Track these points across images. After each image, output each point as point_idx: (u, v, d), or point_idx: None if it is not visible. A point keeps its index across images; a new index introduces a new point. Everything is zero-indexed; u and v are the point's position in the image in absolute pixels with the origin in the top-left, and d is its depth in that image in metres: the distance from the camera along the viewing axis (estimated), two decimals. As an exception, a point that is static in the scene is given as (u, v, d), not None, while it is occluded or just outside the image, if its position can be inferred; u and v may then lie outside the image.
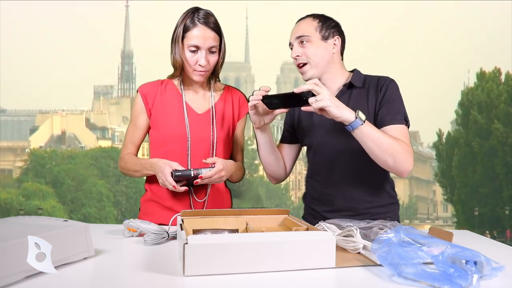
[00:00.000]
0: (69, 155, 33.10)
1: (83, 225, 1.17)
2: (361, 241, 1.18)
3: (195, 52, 1.62)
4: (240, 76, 67.77)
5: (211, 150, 1.70)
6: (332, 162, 1.68)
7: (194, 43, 1.62)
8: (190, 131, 1.69)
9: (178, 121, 1.70)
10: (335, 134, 1.65)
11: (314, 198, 1.76)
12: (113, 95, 54.10)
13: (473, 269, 0.94)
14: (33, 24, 65.22)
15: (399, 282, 0.98)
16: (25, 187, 29.18)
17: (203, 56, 1.62)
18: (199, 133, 1.70)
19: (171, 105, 1.72)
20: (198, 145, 1.69)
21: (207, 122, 1.72)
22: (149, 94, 1.73)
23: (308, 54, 1.65)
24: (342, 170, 1.67)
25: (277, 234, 1.13)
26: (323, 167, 1.71)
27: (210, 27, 1.63)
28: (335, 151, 1.67)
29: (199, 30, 1.62)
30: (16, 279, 0.98)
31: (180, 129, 1.69)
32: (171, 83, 1.75)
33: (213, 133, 1.71)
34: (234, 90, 1.82)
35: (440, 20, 74.88)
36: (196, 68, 1.64)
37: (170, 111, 1.71)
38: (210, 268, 1.02)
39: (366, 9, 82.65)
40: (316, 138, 1.71)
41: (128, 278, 1.04)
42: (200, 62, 1.62)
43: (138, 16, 15.84)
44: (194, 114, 1.72)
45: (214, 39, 1.64)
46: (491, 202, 26.13)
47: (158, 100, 1.72)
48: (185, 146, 1.69)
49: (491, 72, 28.10)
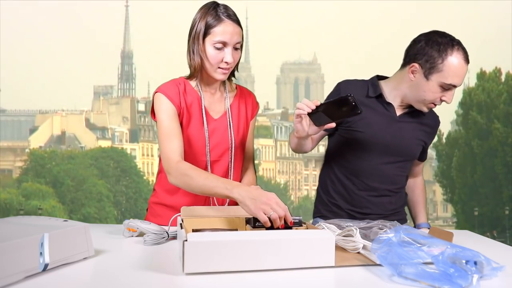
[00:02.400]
0: (69, 155, 33.08)
1: (83, 225, 1.17)
2: (360, 241, 1.18)
3: (221, 49, 1.52)
4: (240, 76, 67.56)
5: (229, 155, 1.65)
6: (377, 163, 1.71)
7: (222, 39, 1.51)
8: (208, 137, 1.61)
9: (198, 127, 1.61)
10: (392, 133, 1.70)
11: (340, 194, 1.76)
12: (113, 95, 54.03)
13: (473, 269, 0.95)
14: (33, 24, 65.20)
15: (399, 282, 0.98)
16: (25, 187, 29.16)
17: (229, 52, 1.53)
18: (217, 139, 1.63)
19: (192, 109, 1.61)
20: (217, 152, 1.63)
21: (224, 127, 1.65)
22: (174, 95, 1.57)
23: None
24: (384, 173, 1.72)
25: (277, 232, 1.13)
26: (365, 166, 1.72)
27: (236, 22, 1.55)
28: (384, 151, 1.70)
29: (227, 26, 1.52)
30: (16, 279, 0.98)
31: (199, 135, 1.61)
32: (188, 84, 1.63)
33: (231, 138, 1.65)
34: (246, 90, 1.77)
35: (440, 20, 74.90)
36: (221, 66, 1.54)
37: (191, 116, 1.61)
38: (210, 266, 1.02)
39: (367, 10, 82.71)
40: (371, 133, 1.69)
41: (128, 278, 1.04)
42: (226, 59, 1.52)
43: (138, 16, 15.81)
44: (211, 120, 1.64)
45: (240, 35, 1.55)
46: (491, 202, 26.10)
47: (183, 102, 1.59)
48: (204, 152, 1.61)
49: (492, 72, 28.08)
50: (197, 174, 1.40)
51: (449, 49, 1.57)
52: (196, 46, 1.55)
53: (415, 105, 1.68)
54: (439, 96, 1.62)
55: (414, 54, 1.62)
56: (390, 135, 1.69)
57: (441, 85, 1.59)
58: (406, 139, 1.72)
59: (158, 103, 1.56)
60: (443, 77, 1.58)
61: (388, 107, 1.71)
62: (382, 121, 1.70)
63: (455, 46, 1.58)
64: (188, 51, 1.58)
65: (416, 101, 1.66)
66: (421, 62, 1.60)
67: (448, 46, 1.58)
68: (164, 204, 1.68)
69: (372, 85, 1.73)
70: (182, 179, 1.43)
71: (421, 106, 1.66)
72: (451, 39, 1.60)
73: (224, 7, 1.56)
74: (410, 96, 1.67)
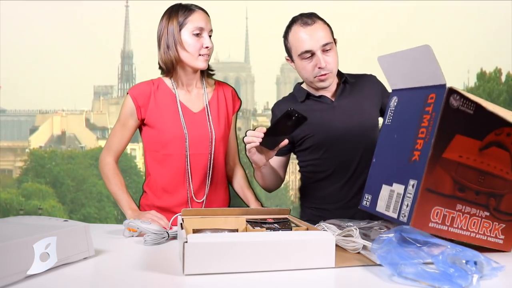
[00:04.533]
0: (69, 155, 33.07)
1: (83, 225, 1.17)
2: (361, 241, 1.18)
3: (199, 35, 1.61)
4: (240, 76, 67.78)
5: (209, 149, 1.69)
6: (349, 158, 1.70)
7: (199, 25, 1.60)
8: (187, 131, 1.66)
9: (174, 122, 1.67)
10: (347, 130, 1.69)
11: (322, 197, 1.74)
12: (113, 95, 54.07)
13: (473, 269, 0.95)
14: (33, 24, 65.22)
15: (399, 282, 0.98)
16: (25, 187, 29.15)
17: (207, 38, 1.62)
18: (197, 132, 1.68)
19: (166, 106, 1.68)
20: (197, 145, 1.68)
21: (203, 121, 1.70)
22: (141, 96, 1.67)
23: (334, 63, 1.65)
24: (356, 165, 1.70)
25: (277, 234, 1.13)
26: (336, 163, 1.70)
27: (206, 12, 1.66)
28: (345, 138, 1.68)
29: (200, 14, 1.63)
30: (16, 279, 0.98)
31: (177, 130, 1.66)
32: (163, 83, 1.71)
33: (211, 131, 1.69)
34: (225, 85, 1.81)
35: (440, 20, 74.85)
36: (201, 52, 1.62)
37: (165, 113, 1.67)
38: (210, 267, 1.02)
39: (367, 10, 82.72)
40: (322, 130, 1.69)
41: (128, 278, 1.04)
42: (206, 44, 1.61)
43: (138, 16, 15.87)
44: (190, 113, 1.69)
45: (210, 22, 1.65)
46: (491, 202, 26.07)
47: (152, 102, 1.67)
48: (184, 146, 1.67)
49: (492, 72, 28.07)
50: (114, 183, 1.66)
51: (289, 29, 1.67)
52: (171, 40, 1.61)
53: (313, 86, 1.70)
54: (311, 68, 1.63)
55: None
56: (338, 121, 1.69)
57: (301, 58, 1.63)
58: (356, 114, 1.70)
59: (124, 101, 1.70)
60: (295, 51, 1.64)
61: (320, 99, 1.72)
62: (324, 115, 1.69)
63: (293, 23, 1.66)
64: (160, 50, 1.64)
65: (308, 83, 1.71)
66: (287, 52, 1.70)
67: (288, 27, 1.68)
68: (155, 205, 1.72)
69: (297, 91, 1.77)
70: (103, 176, 1.69)
71: (314, 84, 1.68)
72: (292, 19, 1.68)
73: (189, 4, 1.65)
74: (305, 82, 1.73)
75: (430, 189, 1.15)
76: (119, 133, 1.71)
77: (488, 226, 1.20)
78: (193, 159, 1.68)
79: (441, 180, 1.16)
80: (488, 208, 1.20)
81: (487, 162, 1.19)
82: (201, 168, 1.70)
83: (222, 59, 68.59)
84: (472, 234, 1.19)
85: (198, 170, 1.69)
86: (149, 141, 1.71)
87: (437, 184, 1.16)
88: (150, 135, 1.70)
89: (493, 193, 1.20)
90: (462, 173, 1.17)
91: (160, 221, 1.48)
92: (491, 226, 1.21)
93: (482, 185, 1.19)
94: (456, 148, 1.16)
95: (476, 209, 1.19)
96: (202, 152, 1.69)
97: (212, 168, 1.71)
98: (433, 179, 1.15)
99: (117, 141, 1.71)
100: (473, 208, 1.19)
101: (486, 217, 1.20)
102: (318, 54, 1.60)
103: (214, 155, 1.70)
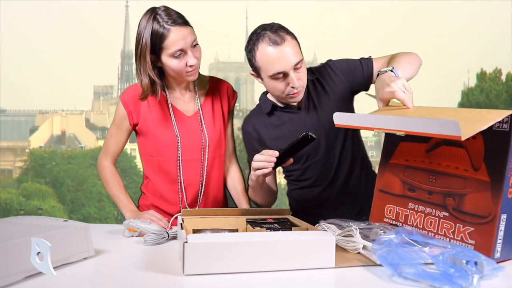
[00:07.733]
0: (69, 155, 33.07)
1: (83, 225, 1.17)
2: (361, 241, 1.18)
3: (181, 55, 1.49)
4: (240, 76, 67.75)
5: (201, 155, 1.65)
6: (329, 165, 1.65)
7: (178, 48, 1.47)
8: (180, 136, 1.62)
9: (166, 128, 1.62)
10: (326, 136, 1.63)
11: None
12: (113, 95, 54.11)
13: (473, 269, 0.94)
14: (33, 24, 65.22)
15: (399, 282, 0.98)
16: (25, 187, 29.15)
17: (190, 55, 1.50)
18: (190, 138, 1.63)
19: (158, 110, 1.63)
20: (188, 151, 1.64)
21: (197, 125, 1.65)
22: (132, 101, 1.62)
23: (305, 77, 1.54)
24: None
25: (277, 234, 1.13)
26: (320, 171, 1.67)
27: (182, 24, 1.49)
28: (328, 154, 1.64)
29: (175, 33, 1.47)
30: (16, 279, 0.98)
31: (170, 135, 1.62)
32: None
33: (204, 137, 1.64)
34: (220, 81, 1.74)
35: (440, 20, 74.84)
36: (187, 70, 1.52)
37: (158, 118, 1.63)
38: (210, 267, 1.02)
39: (366, 9, 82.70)
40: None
41: (128, 278, 1.04)
42: (191, 63, 1.50)
43: (138, 16, 16.09)
44: (183, 117, 1.64)
45: (192, 33, 1.51)
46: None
47: (145, 106, 1.62)
48: (176, 152, 1.63)
49: (492, 72, 28.08)
50: (112, 185, 1.69)
51: (254, 46, 1.51)
52: (143, 64, 1.52)
53: (283, 101, 1.61)
54: (283, 87, 1.52)
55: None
56: (310, 128, 1.58)
57: (273, 78, 1.50)
58: (325, 116, 1.61)
59: (117, 105, 1.69)
60: (265, 71, 1.50)
61: (288, 109, 1.64)
62: (295, 126, 1.63)
63: (259, 40, 1.49)
64: (138, 72, 1.55)
65: (279, 98, 1.60)
66: (252, 68, 1.57)
67: (253, 44, 1.51)
68: (154, 205, 1.72)
69: (263, 103, 1.68)
70: (102, 180, 1.72)
71: (286, 100, 1.58)
72: (256, 33, 1.51)
73: (165, 12, 1.49)
74: (274, 97, 1.62)
75: (382, 190, 1.36)
76: (115, 136, 1.69)
77: (450, 227, 1.16)
78: (185, 166, 1.64)
79: (391, 182, 1.34)
80: (446, 208, 1.17)
81: (437, 162, 1.21)
82: (195, 175, 1.66)
83: (222, 59, 68.53)
84: (430, 234, 1.19)
85: (192, 176, 1.66)
86: (144, 146, 1.69)
87: (387, 185, 1.35)
88: (143, 140, 1.68)
89: (449, 192, 1.17)
90: (410, 174, 1.29)
91: (159, 221, 1.48)
92: (453, 227, 1.15)
93: (434, 184, 1.22)
94: (402, 154, 1.31)
95: (431, 209, 1.21)
96: (194, 158, 1.65)
97: (206, 175, 1.67)
98: (384, 181, 1.36)
99: (113, 144, 1.70)
100: (428, 207, 1.22)
101: (445, 218, 1.17)
102: (291, 74, 1.49)
103: (208, 161, 1.66)
